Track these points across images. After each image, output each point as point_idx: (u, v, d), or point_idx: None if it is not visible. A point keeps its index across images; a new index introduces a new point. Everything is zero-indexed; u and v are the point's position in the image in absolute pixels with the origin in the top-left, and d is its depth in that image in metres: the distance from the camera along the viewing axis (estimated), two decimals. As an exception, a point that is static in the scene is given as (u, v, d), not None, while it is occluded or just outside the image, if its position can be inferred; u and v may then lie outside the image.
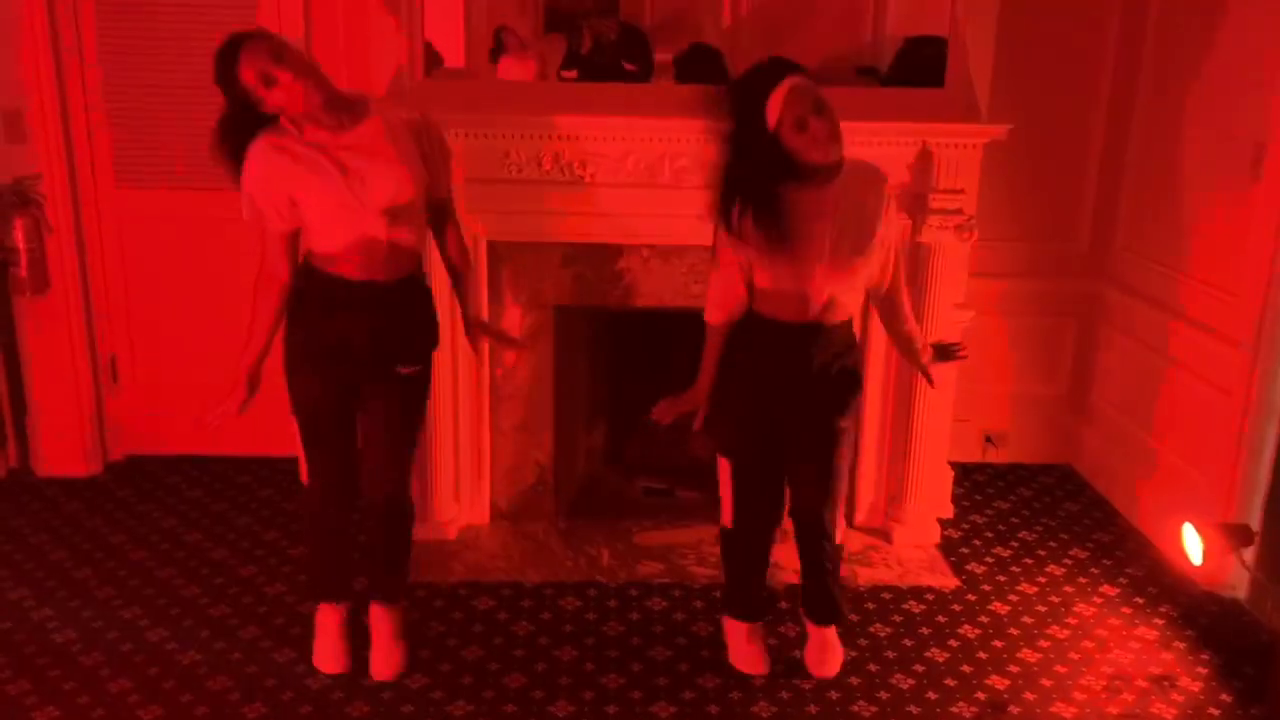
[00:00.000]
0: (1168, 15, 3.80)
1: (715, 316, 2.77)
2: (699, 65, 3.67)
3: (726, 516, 2.93)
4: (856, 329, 2.91)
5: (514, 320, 3.59)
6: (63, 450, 4.04)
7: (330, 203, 2.57)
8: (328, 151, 2.55)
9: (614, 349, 4.07)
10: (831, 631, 3.01)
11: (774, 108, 2.48)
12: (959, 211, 3.42)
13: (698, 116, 3.31)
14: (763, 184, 2.55)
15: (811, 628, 3.02)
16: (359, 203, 2.56)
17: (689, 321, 3.76)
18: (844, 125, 3.35)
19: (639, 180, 3.39)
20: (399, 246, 2.65)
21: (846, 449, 2.87)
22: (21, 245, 3.75)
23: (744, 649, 3.03)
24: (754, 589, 3.02)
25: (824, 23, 4.03)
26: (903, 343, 2.97)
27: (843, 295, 2.69)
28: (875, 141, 3.33)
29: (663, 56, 3.79)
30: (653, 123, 3.34)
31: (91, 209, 3.95)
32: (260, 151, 2.55)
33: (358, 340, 2.68)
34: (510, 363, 3.62)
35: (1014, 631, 3.23)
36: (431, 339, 2.87)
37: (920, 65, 3.59)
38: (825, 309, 2.68)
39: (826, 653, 3.00)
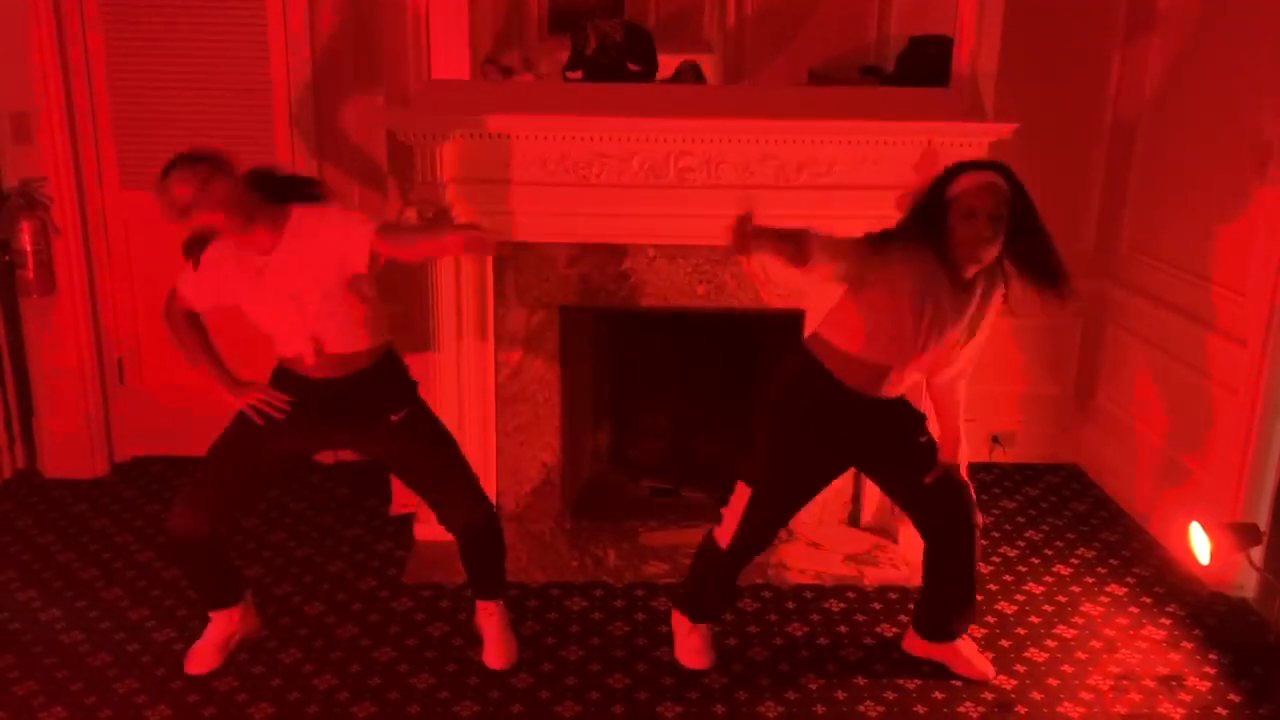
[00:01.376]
0: (1174, 14, 3.79)
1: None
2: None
3: (725, 537, 2.86)
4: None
5: (519, 320, 3.59)
6: (69, 452, 4.05)
7: (272, 318, 2.73)
8: (261, 272, 2.68)
9: (619, 349, 4.07)
10: (966, 640, 3.04)
11: (960, 186, 2.58)
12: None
13: (701, 117, 3.35)
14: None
15: (949, 648, 3.00)
16: (300, 319, 2.70)
17: (694, 321, 3.79)
18: (848, 124, 3.37)
19: (644, 181, 3.39)
20: (343, 354, 2.77)
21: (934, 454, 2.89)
22: (28, 247, 3.76)
23: (690, 643, 3.02)
24: (719, 602, 3.06)
25: (828, 22, 4.04)
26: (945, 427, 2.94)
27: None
28: (880, 140, 3.34)
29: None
30: (658, 123, 3.33)
31: (98, 211, 3.96)
32: (219, 257, 2.71)
33: (324, 420, 2.84)
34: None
35: (1021, 631, 3.23)
36: (406, 388, 2.92)
37: (925, 65, 3.59)
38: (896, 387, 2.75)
39: (970, 652, 3.01)
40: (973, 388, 3.76)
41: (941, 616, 2.98)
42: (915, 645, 3.06)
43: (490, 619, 3.04)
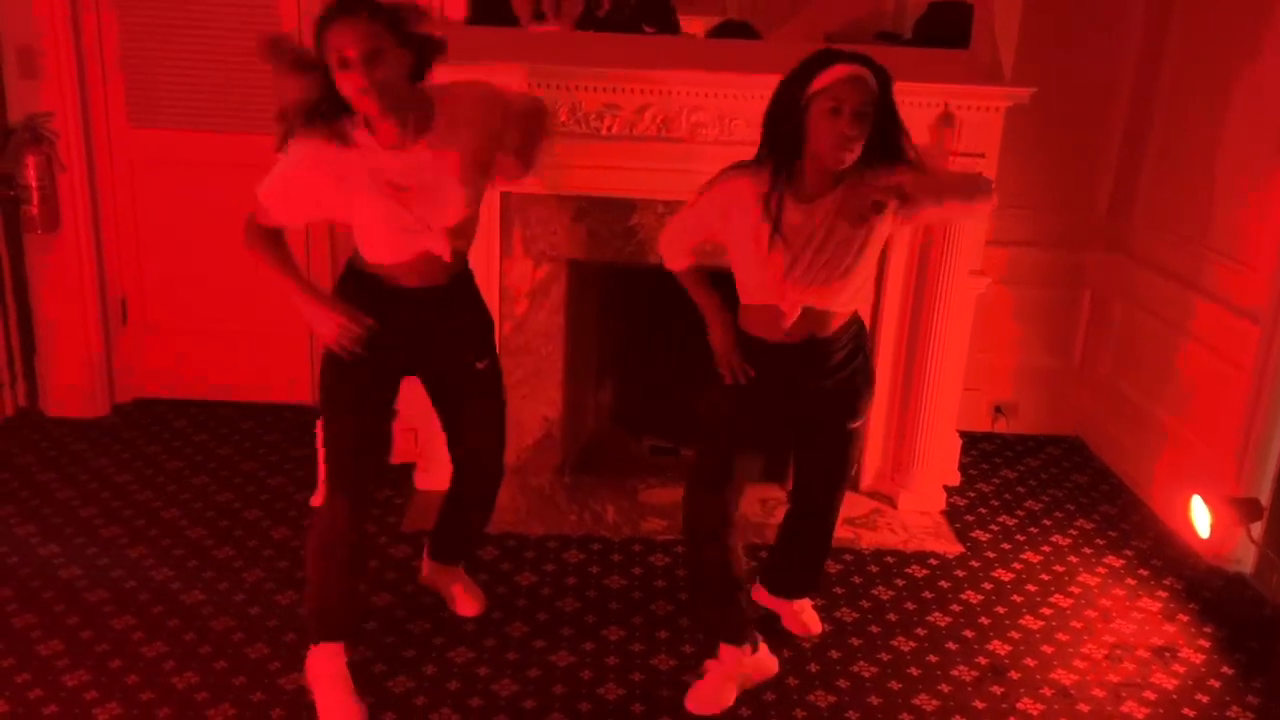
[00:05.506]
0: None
1: (675, 262, 2.65)
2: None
3: (685, 511, 2.74)
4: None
5: (525, 272, 3.57)
6: (71, 391, 4.05)
7: (387, 225, 2.39)
8: (382, 172, 2.34)
9: (625, 306, 4.05)
10: (806, 600, 3.03)
11: (824, 79, 2.30)
12: (979, 175, 3.38)
13: (715, 70, 3.31)
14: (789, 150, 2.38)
15: (787, 603, 3.00)
16: (422, 224, 2.39)
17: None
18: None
19: (655, 134, 3.35)
20: (459, 253, 2.53)
21: (858, 445, 2.79)
22: (33, 183, 3.73)
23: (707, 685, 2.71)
24: (743, 602, 2.74)
25: (846, -13, 3.98)
26: None
27: (827, 306, 2.51)
28: (897, 101, 3.29)
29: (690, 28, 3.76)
30: (670, 75, 3.29)
31: (104, 148, 3.92)
32: (309, 156, 2.34)
33: (412, 340, 2.56)
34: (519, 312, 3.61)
35: (1017, 598, 3.23)
36: (490, 328, 2.73)
37: (942, 30, 3.55)
38: (809, 323, 2.50)
39: (807, 614, 3.01)
40: (976, 357, 3.78)
41: (796, 576, 2.96)
42: (760, 596, 3.03)
43: (459, 575, 3.03)
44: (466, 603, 3.00)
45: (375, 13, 2.24)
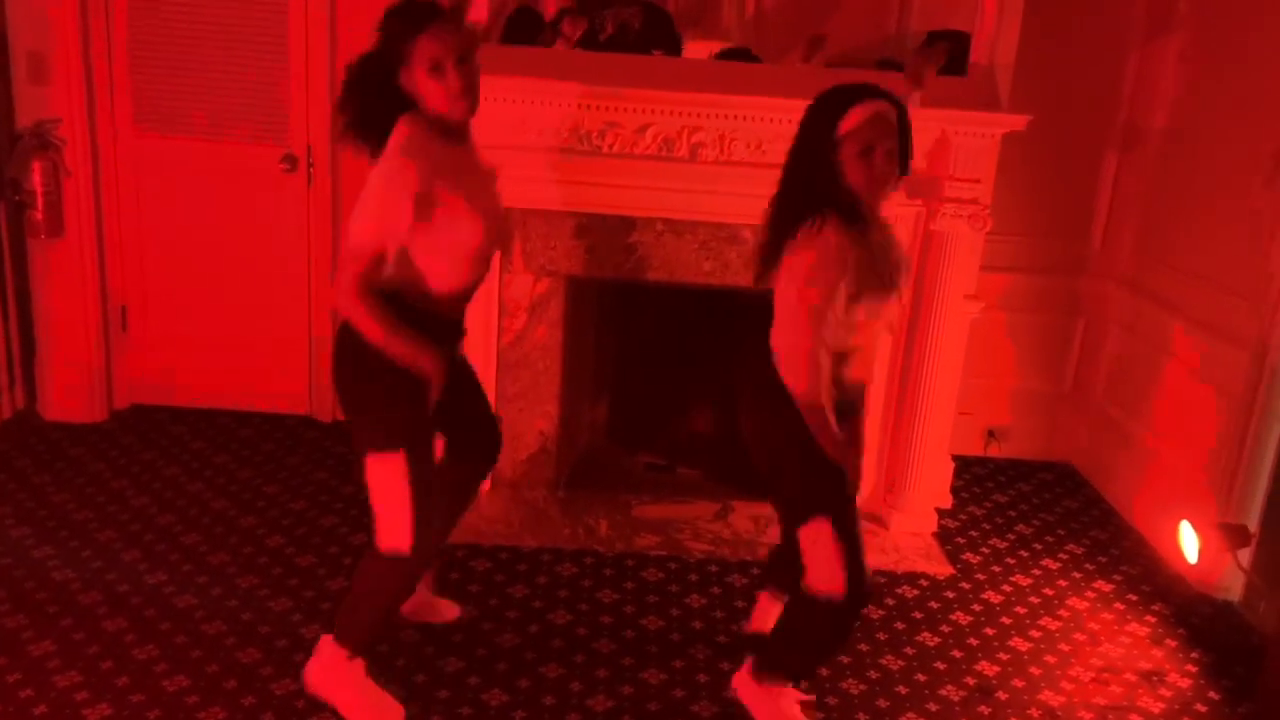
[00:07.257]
0: (1193, 18, 3.79)
1: (818, 390, 2.36)
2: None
3: (838, 582, 2.45)
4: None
5: (525, 286, 3.60)
6: (69, 395, 4.07)
7: (483, 225, 2.37)
8: (465, 166, 2.38)
9: (623, 322, 4.08)
10: None
11: (849, 122, 2.31)
12: (975, 201, 3.43)
13: (715, 92, 3.35)
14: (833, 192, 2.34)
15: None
16: (500, 221, 2.45)
17: (699, 297, 3.79)
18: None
19: (656, 153, 3.39)
20: None
21: None
22: (39, 188, 3.76)
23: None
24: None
25: (848, 16, 4.04)
26: None
27: None
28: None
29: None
30: (672, 96, 3.34)
31: (109, 155, 3.96)
32: (422, 144, 2.29)
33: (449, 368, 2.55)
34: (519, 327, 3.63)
35: (1006, 620, 3.25)
36: None
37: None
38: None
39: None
40: (970, 382, 3.81)
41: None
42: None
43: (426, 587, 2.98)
44: (447, 607, 3.02)
45: (458, 20, 2.35)
